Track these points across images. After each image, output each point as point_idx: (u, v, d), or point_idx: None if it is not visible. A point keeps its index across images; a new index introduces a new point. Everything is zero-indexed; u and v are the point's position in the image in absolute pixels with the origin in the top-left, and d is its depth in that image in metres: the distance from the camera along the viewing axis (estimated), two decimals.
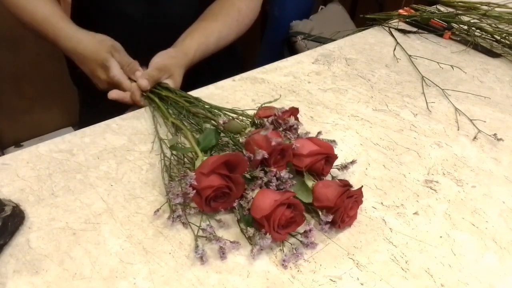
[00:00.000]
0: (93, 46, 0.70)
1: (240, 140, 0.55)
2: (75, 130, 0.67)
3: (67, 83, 0.97)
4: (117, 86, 0.70)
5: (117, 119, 0.68)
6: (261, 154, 0.50)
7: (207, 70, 0.83)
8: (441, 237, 0.52)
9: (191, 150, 0.54)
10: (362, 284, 0.47)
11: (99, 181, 0.57)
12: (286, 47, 1.71)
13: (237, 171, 0.50)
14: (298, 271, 0.47)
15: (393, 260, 0.49)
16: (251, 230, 0.49)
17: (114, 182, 0.57)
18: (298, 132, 0.58)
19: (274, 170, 0.51)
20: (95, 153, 0.61)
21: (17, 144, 1.68)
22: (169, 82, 0.72)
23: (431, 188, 0.59)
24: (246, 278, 0.46)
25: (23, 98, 1.62)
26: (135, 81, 0.70)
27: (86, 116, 0.98)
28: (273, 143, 0.50)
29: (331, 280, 0.47)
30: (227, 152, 0.55)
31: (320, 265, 0.48)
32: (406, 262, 0.49)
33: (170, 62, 0.73)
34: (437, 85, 0.81)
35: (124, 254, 0.48)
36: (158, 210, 0.52)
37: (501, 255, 0.51)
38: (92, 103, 0.94)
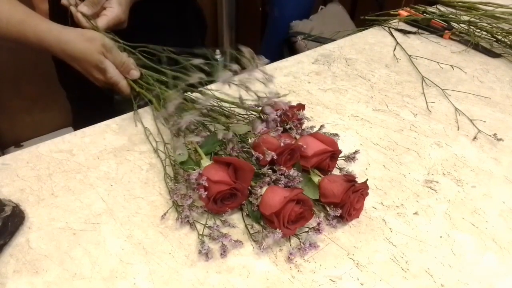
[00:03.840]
0: (82, 46, 0.68)
1: (249, 140, 0.55)
2: (75, 130, 0.67)
3: None
4: (114, 85, 0.70)
5: (117, 119, 0.68)
6: (270, 155, 0.51)
7: (173, 26, 0.87)
8: (441, 237, 0.52)
9: (194, 166, 0.54)
10: (362, 284, 0.47)
11: (99, 181, 0.57)
12: (286, 47, 1.71)
13: (242, 178, 0.51)
14: (298, 271, 0.47)
15: (393, 260, 0.49)
16: (257, 227, 0.50)
17: (114, 182, 0.57)
18: (303, 127, 0.60)
19: (283, 169, 0.52)
20: (95, 153, 0.61)
21: (17, 144, 1.68)
22: (114, 2, 0.71)
23: (431, 188, 0.59)
24: (246, 278, 0.46)
25: (23, 98, 1.62)
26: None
27: (79, 118, 0.99)
28: (282, 144, 0.52)
29: (331, 280, 0.47)
30: (234, 153, 0.56)
31: (320, 265, 0.48)
32: (406, 262, 0.49)
33: None
34: (437, 85, 0.81)
35: (124, 254, 0.48)
36: (165, 214, 0.52)
37: (501, 255, 0.51)
38: (83, 106, 0.95)
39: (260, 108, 0.59)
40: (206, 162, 0.52)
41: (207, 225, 0.50)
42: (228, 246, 0.49)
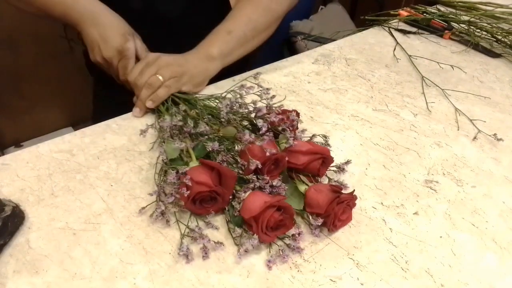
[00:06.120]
0: (115, 18, 0.71)
1: (236, 148, 0.55)
2: (75, 130, 0.67)
3: (67, 83, 0.97)
4: (122, 57, 0.70)
5: (117, 119, 0.68)
6: (255, 164, 0.50)
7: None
8: (441, 237, 0.52)
9: (184, 165, 0.54)
10: (362, 284, 0.47)
11: (99, 181, 0.57)
12: (286, 47, 1.70)
13: (225, 184, 0.50)
14: (298, 271, 0.47)
15: (393, 260, 0.49)
16: (238, 230, 0.49)
17: (114, 182, 0.57)
18: (296, 132, 0.58)
19: (267, 178, 0.51)
20: (95, 153, 0.61)
21: (17, 144, 1.68)
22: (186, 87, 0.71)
23: (431, 188, 0.59)
24: (246, 278, 0.46)
25: (23, 98, 1.62)
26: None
27: (100, 106, 0.97)
28: (268, 154, 0.50)
29: (331, 280, 0.47)
30: (220, 158, 0.55)
31: (320, 265, 0.48)
32: (406, 262, 0.49)
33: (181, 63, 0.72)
34: (437, 85, 0.81)
35: (124, 254, 0.48)
36: (143, 208, 0.52)
37: (501, 255, 0.51)
38: (107, 94, 0.93)
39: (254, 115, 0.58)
40: (194, 163, 0.52)
41: (189, 226, 0.50)
42: (210, 246, 0.48)
